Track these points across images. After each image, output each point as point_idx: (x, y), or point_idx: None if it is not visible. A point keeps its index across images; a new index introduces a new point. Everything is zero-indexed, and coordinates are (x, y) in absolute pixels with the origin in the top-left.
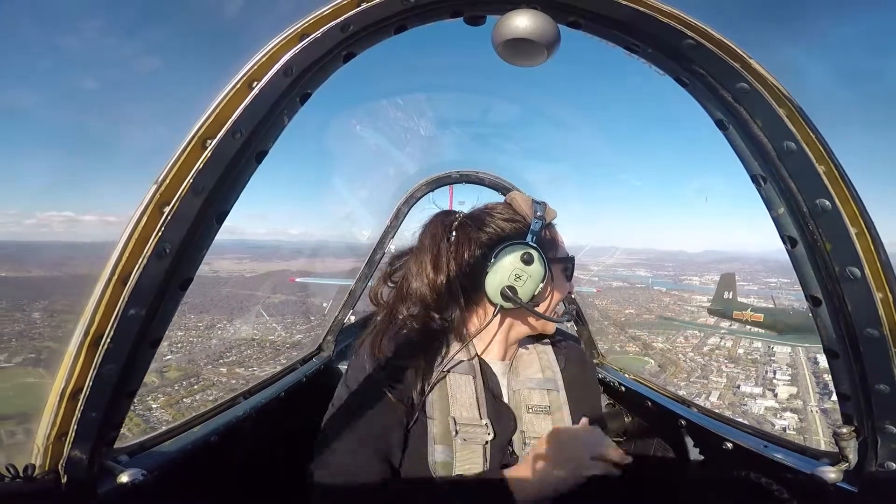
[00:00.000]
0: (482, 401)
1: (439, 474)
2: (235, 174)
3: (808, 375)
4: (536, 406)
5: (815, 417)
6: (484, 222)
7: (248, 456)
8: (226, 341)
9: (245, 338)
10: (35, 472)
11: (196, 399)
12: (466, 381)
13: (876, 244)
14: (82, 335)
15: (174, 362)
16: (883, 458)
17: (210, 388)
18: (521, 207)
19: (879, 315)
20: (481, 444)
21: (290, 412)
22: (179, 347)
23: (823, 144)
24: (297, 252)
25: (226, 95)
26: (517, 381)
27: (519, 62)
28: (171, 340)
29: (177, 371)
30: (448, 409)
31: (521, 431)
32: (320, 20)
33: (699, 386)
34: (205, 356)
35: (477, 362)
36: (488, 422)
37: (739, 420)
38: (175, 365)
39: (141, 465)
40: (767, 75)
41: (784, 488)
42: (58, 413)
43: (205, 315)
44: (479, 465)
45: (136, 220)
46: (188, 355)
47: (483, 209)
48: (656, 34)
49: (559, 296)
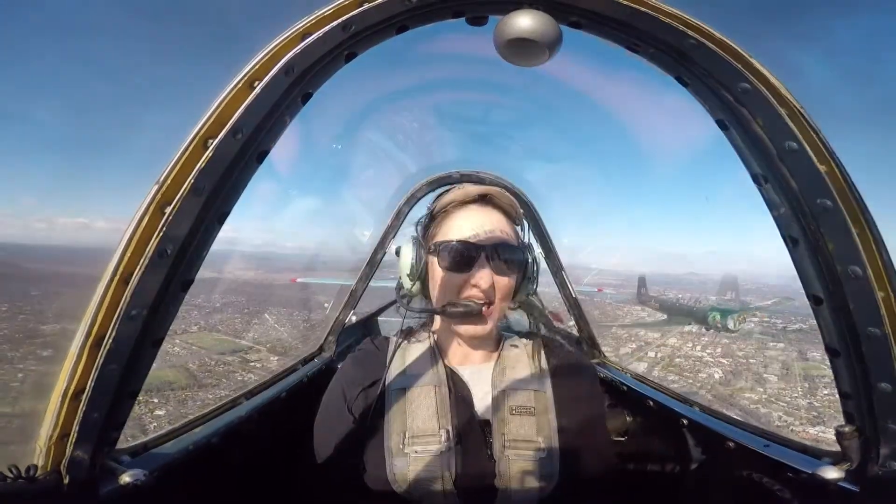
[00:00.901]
0: (445, 410)
1: (399, 486)
2: (237, 174)
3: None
4: (520, 407)
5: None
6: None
7: (249, 456)
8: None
9: None
10: (37, 473)
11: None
12: (427, 391)
13: (877, 243)
14: (84, 336)
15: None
16: (885, 458)
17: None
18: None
19: (881, 314)
20: (437, 455)
21: (291, 413)
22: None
23: (825, 144)
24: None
25: (227, 95)
26: (502, 382)
27: (521, 62)
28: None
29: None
30: (404, 422)
31: (501, 434)
32: (322, 20)
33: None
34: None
35: (443, 370)
36: (449, 430)
37: (741, 419)
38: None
39: (143, 465)
40: (769, 75)
41: (785, 488)
42: (60, 414)
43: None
44: (437, 474)
45: (137, 221)
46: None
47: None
48: (657, 34)
49: (443, 288)
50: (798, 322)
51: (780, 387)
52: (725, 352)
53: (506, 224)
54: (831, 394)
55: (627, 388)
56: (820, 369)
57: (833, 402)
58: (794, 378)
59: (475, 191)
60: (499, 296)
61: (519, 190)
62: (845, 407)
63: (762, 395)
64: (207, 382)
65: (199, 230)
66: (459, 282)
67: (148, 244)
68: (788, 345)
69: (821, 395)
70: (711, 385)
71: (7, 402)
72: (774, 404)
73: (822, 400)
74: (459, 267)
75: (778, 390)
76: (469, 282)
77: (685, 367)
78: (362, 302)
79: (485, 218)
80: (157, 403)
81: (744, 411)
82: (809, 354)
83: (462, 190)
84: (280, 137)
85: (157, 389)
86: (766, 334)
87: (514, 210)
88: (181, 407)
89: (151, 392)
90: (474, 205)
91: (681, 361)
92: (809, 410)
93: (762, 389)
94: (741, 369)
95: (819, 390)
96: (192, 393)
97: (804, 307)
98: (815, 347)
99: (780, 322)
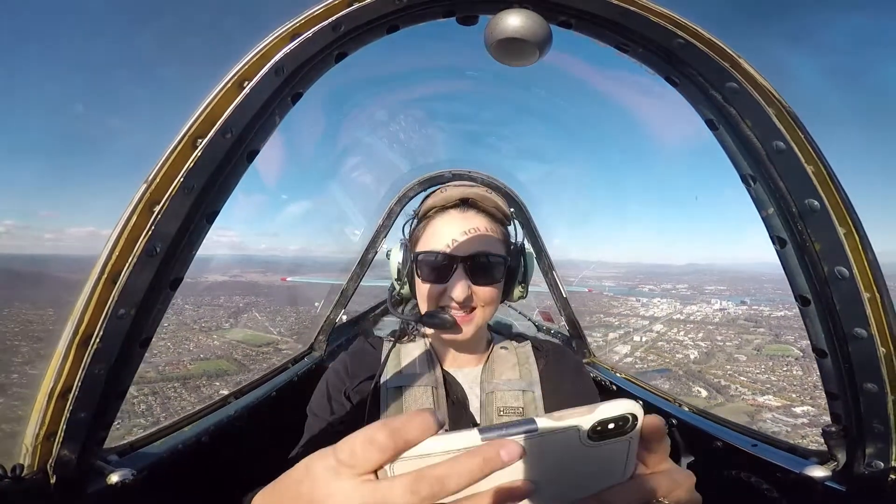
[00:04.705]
0: (441, 411)
1: None
2: (226, 173)
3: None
4: (507, 408)
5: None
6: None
7: (238, 456)
8: None
9: None
10: (23, 473)
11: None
12: (424, 392)
13: (864, 244)
14: (71, 334)
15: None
16: (871, 457)
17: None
18: (423, 203)
19: (867, 315)
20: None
21: (280, 412)
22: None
23: (812, 144)
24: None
25: (217, 94)
26: (491, 383)
27: (511, 62)
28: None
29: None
30: None
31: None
32: (312, 20)
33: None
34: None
35: (440, 372)
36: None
37: (729, 419)
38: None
39: (131, 465)
40: (757, 75)
41: (773, 487)
42: (46, 413)
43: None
44: None
45: (125, 220)
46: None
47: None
48: (647, 34)
49: (422, 297)
50: (784, 309)
51: (746, 366)
52: (706, 336)
53: (488, 228)
54: (789, 370)
55: (617, 388)
56: (788, 350)
57: (786, 377)
58: (763, 358)
59: (456, 194)
60: (479, 303)
61: (511, 190)
62: (832, 407)
63: (728, 371)
64: (253, 367)
65: (188, 229)
66: (436, 292)
67: (136, 243)
68: (769, 330)
69: (780, 372)
70: (686, 364)
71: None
72: (737, 379)
73: (779, 375)
74: (436, 278)
75: (743, 368)
76: (446, 292)
77: (665, 350)
78: (357, 303)
79: (464, 224)
80: (219, 386)
81: (707, 383)
82: (784, 337)
83: (443, 194)
84: (270, 137)
85: (217, 375)
86: (750, 321)
87: (500, 211)
88: (237, 387)
89: (213, 378)
90: (455, 210)
91: (663, 345)
92: (765, 384)
93: (730, 367)
94: (716, 351)
95: (780, 368)
96: (245, 377)
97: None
98: (790, 332)
99: (767, 310)
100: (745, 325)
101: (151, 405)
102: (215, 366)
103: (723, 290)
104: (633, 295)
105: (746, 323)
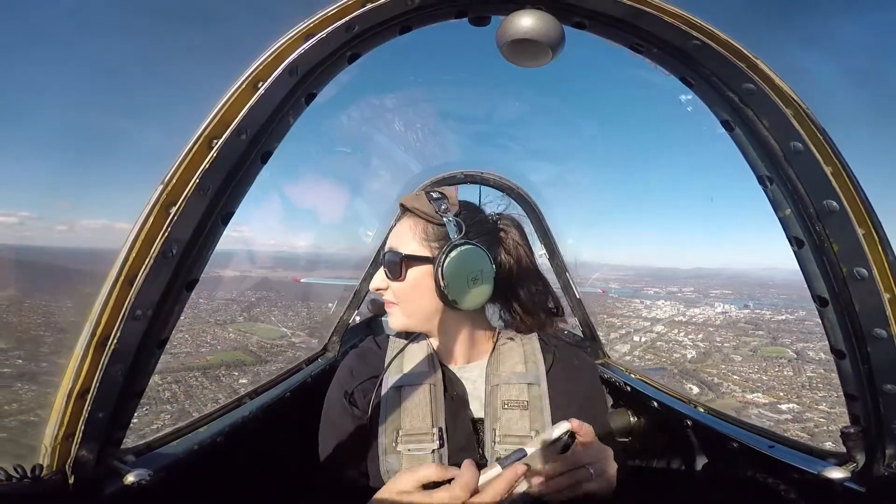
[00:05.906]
0: (439, 409)
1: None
2: (241, 174)
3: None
4: (512, 401)
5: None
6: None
7: (254, 456)
8: None
9: None
10: (42, 473)
11: None
12: (422, 390)
13: (884, 244)
14: (89, 336)
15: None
16: (891, 459)
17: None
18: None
19: (887, 315)
20: (428, 452)
21: (295, 412)
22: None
23: (831, 145)
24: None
25: (231, 95)
26: (496, 376)
27: (524, 63)
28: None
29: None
30: (399, 420)
31: (493, 429)
32: (325, 20)
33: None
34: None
35: (439, 369)
36: (441, 429)
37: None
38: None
39: (147, 465)
40: (774, 76)
41: (791, 489)
42: (65, 413)
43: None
44: None
45: (142, 221)
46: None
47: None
48: (661, 34)
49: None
50: (785, 313)
51: (740, 366)
52: (706, 337)
53: (411, 229)
54: (780, 371)
55: (631, 389)
56: (783, 352)
57: (777, 377)
58: (758, 359)
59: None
60: (394, 297)
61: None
62: (851, 408)
63: (722, 371)
64: (269, 359)
65: (203, 230)
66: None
67: (153, 244)
68: (767, 333)
69: (772, 372)
70: (682, 363)
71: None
72: (729, 377)
73: (771, 375)
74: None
75: (738, 368)
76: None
77: (663, 350)
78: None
79: (397, 226)
80: (237, 376)
81: (700, 381)
82: (780, 340)
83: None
84: (284, 138)
85: (234, 365)
86: (750, 323)
87: (431, 212)
88: (256, 377)
89: (231, 367)
90: (401, 213)
91: (661, 345)
92: (755, 383)
93: (724, 366)
94: (713, 351)
95: (773, 369)
96: (262, 367)
97: (800, 300)
98: (788, 335)
99: (769, 313)
100: (745, 328)
101: (176, 393)
102: (233, 356)
103: (728, 293)
104: (638, 297)
105: (746, 325)
